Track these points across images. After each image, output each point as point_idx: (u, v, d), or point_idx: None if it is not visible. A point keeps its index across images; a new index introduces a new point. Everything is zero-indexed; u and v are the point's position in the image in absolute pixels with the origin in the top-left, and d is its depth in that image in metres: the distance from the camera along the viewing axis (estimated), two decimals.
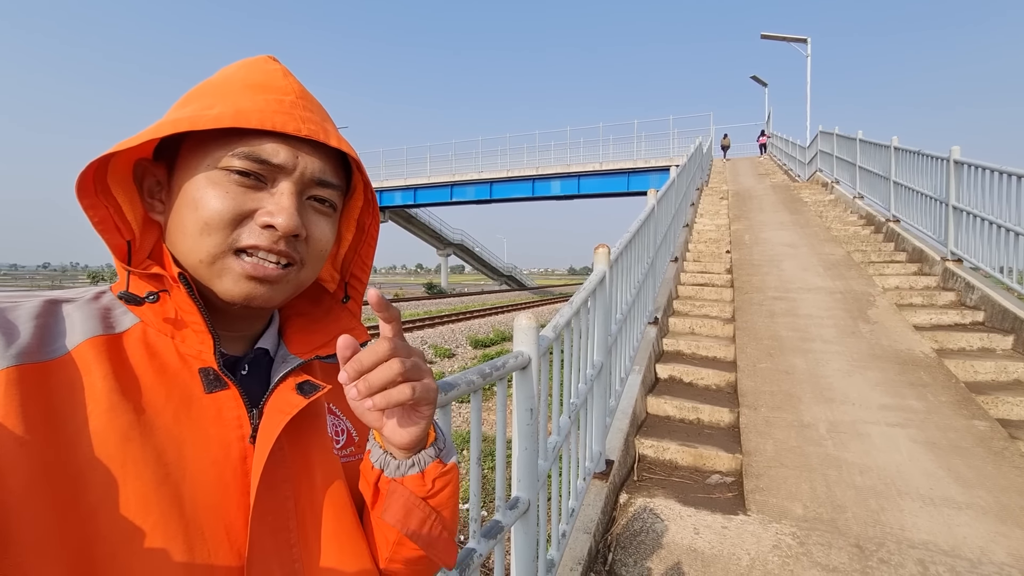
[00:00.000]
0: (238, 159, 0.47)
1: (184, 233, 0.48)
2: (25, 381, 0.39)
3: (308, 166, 0.50)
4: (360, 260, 0.62)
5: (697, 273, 6.49)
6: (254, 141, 0.47)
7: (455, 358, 10.59)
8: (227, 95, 0.48)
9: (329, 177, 0.52)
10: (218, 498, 0.45)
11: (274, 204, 0.48)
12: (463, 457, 4.63)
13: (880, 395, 3.52)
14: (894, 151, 7.39)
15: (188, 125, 0.45)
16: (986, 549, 2.18)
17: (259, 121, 0.46)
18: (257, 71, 0.51)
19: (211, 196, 0.47)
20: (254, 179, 0.48)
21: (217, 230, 0.47)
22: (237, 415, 0.49)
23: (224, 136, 0.47)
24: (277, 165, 0.48)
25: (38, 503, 0.36)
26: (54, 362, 0.41)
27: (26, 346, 0.40)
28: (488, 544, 1.36)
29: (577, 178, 24.94)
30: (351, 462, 0.58)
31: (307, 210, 0.51)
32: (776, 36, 20.00)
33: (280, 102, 0.49)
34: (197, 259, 0.48)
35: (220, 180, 0.47)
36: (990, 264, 4.94)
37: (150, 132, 0.45)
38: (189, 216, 0.47)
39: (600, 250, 2.82)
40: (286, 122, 0.48)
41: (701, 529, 2.44)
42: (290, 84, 0.52)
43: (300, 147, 0.49)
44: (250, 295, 0.49)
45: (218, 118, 0.45)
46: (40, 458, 0.37)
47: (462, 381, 1.21)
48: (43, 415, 0.39)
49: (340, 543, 0.51)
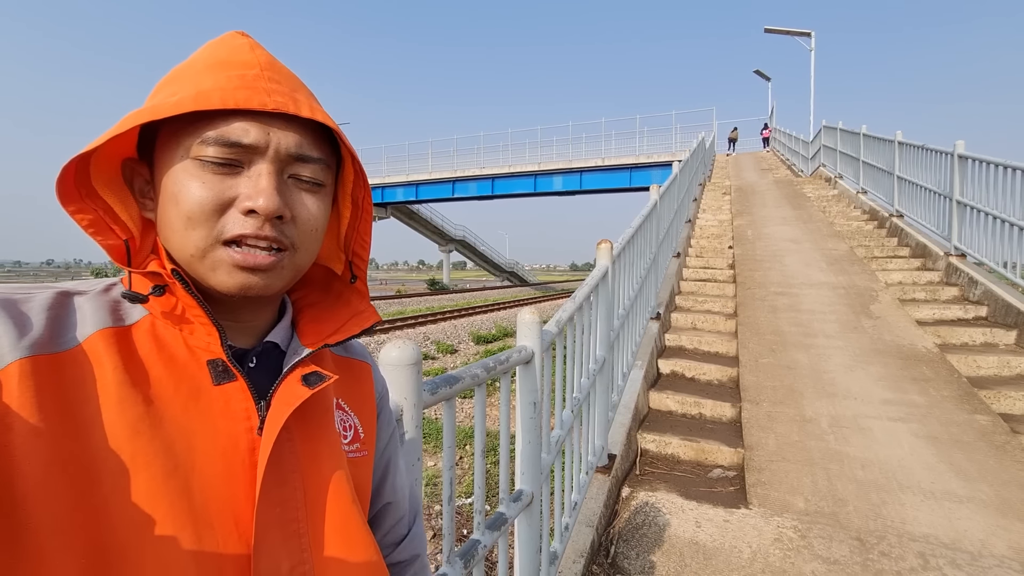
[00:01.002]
0: (208, 145, 0.45)
1: (172, 229, 0.47)
2: (39, 372, 0.40)
3: (282, 142, 0.47)
4: (359, 237, 0.59)
5: (699, 268, 6.48)
6: (220, 123, 0.45)
7: (457, 354, 10.61)
8: (190, 77, 0.46)
9: (308, 151, 0.49)
10: (227, 489, 0.45)
11: (252, 187, 0.46)
12: (466, 451, 4.66)
13: (882, 390, 3.52)
14: (898, 146, 7.36)
15: (150, 115, 0.43)
16: (987, 542, 2.19)
17: (220, 100, 0.44)
18: (222, 47, 0.49)
19: (189, 189, 0.45)
20: (229, 166, 0.46)
21: (201, 223, 0.45)
22: (245, 407, 0.49)
23: (192, 122, 0.45)
24: (248, 145, 0.45)
25: (55, 491, 0.37)
26: (66, 353, 0.42)
27: (39, 337, 0.41)
28: (492, 536, 1.38)
29: (579, 174, 24.87)
30: (357, 458, 0.58)
31: (290, 189, 0.49)
32: (780, 30, 19.86)
33: (243, 76, 0.46)
34: (188, 254, 0.47)
35: (195, 171, 0.45)
36: (994, 259, 4.92)
37: (115, 128, 0.43)
38: (172, 212, 0.46)
39: (603, 245, 2.82)
40: (249, 97, 0.45)
41: (703, 522, 2.45)
42: (256, 57, 0.48)
43: (271, 123, 0.46)
44: (245, 285, 0.47)
45: (179, 103, 0.43)
46: (55, 448, 0.38)
47: (466, 375, 1.23)
48: (57, 406, 0.39)
49: (347, 535, 0.52)
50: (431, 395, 1.08)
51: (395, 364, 0.96)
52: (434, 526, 3.74)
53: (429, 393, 1.07)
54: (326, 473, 0.52)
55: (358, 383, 0.63)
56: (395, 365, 0.96)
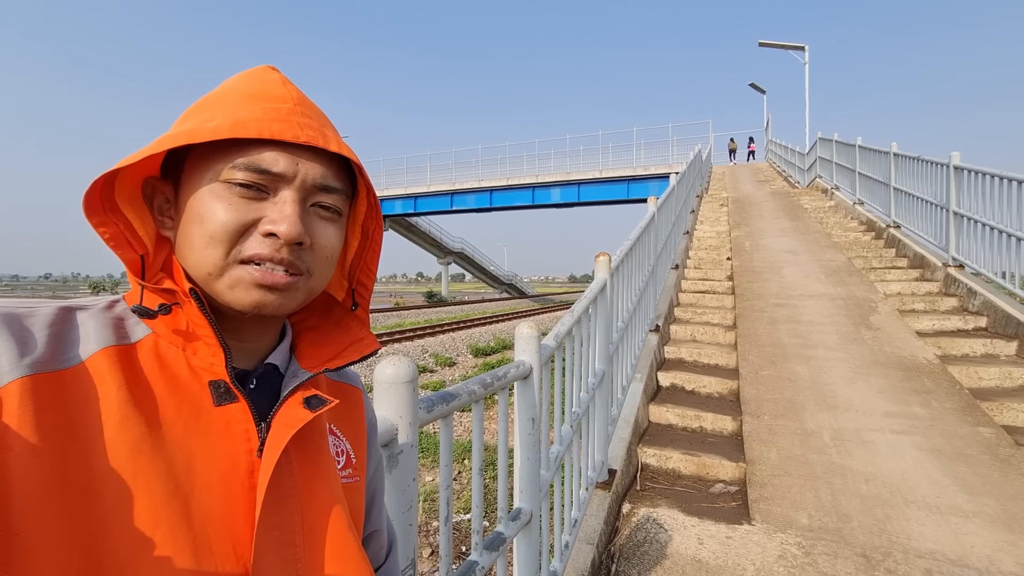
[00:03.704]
0: (239, 171, 0.47)
1: (191, 248, 0.48)
2: (40, 391, 0.39)
3: (309, 172, 0.49)
4: (365, 266, 0.61)
5: (698, 280, 6.48)
6: (253, 151, 0.47)
7: (456, 366, 10.56)
8: (226, 106, 0.49)
9: (332, 182, 0.51)
10: (226, 511, 0.45)
11: (276, 212, 0.48)
12: (464, 467, 4.61)
13: (884, 402, 3.50)
14: (893, 157, 7.41)
15: (186, 139, 0.45)
16: (994, 558, 2.15)
17: (256, 130, 0.47)
18: (256, 81, 0.52)
19: (215, 209, 0.47)
20: (256, 190, 0.48)
21: (222, 242, 0.47)
22: (245, 428, 0.49)
23: (224, 148, 0.47)
24: (277, 174, 0.48)
25: (50, 512, 0.37)
26: (68, 371, 0.42)
27: (41, 355, 0.41)
28: (490, 556, 1.34)
29: (577, 186, 25.01)
30: (350, 484, 0.58)
31: (311, 217, 0.51)
32: (774, 44, 20.11)
33: (278, 110, 0.49)
34: (206, 272, 0.48)
35: (222, 193, 0.47)
36: (992, 269, 4.93)
37: (150, 148, 0.45)
38: (195, 230, 0.48)
39: (601, 258, 2.81)
40: (284, 129, 0.48)
41: (705, 539, 2.41)
42: (288, 92, 0.51)
43: (300, 154, 0.49)
44: (260, 303, 0.48)
45: (216, 130, 0.46)
46: (54, 468, 0.38)
47: (464, 391, 1.21)
48: (57, 425, 0.39)
49: (344, 560, 0.51)
50: (427, 413, 1.06)
51: (390, 382, 0.93)
52: (432, 543, 3.68)
53: (425, 411, 1.05)
54: (323, 497, 0.52)
55: (351, 409, 0.63)
56: (390, 383, 0.93)
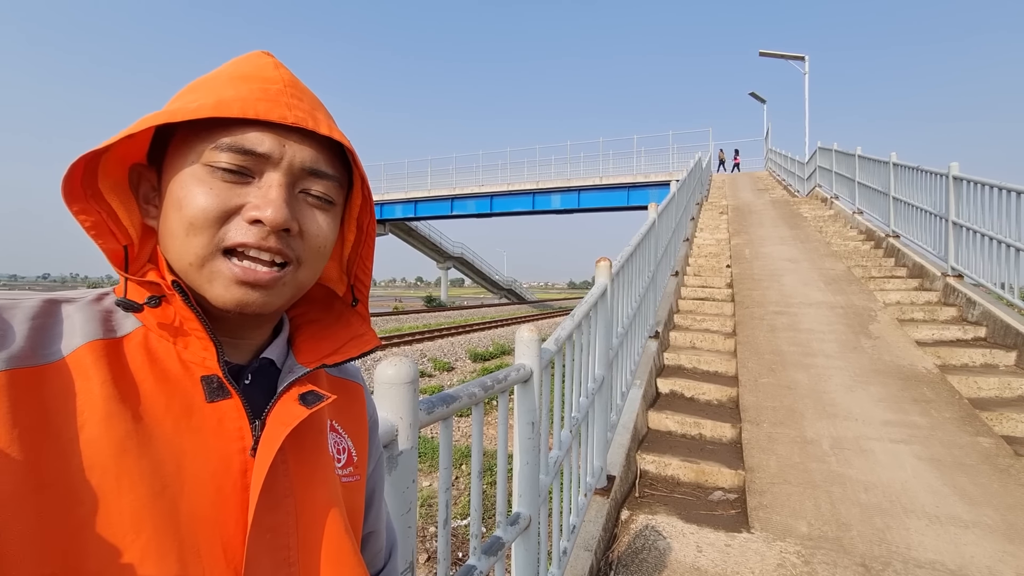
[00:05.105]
0: (221, 152, 0.44)
1: (172, 235, 0.46)
2: (16, 387, 0.37)
3: (297, 155, 0.46)
4: (361, 262, 0.59)
5: (698, 287, 6.48)
6: (236, 131, 0.45)
7: (454, 371, 10.54)
8: (213, 88, 0.46)
9: (322, 167, 0.48)
10: (216, 513, 0.43)
11: (260, 197, 0.45)
12: (462, 472, 4.58)
13: (883, 411, 3.49)
14: (893, 167, 7.44)
15: (167, 117, 0.43)
16: (994, 569, 2.14)
17: (240, 110, 0.44)
18: (246, 63, 0.49)
19: (195, 194, 0.44)
20: (240, 175, 0.45)
21: (203, 229, 0.44)
22: (239, 426, 0.46)
23: (207, 129, 0.45)
24: (262, 155, 0.45)
25: (23, 516, 0.35)
26: (49, 367, 0.40)
27: (20, 350, 0.39)
28: (488, 561, 1.33)
29: (577, 192, 25.05)
30: (351, 483, 0.56)
31: (300, 204, 0.48)
32: (774, 54, 20.23)
33: (265, 90, 0.46)
34: (187, 262, 0.45)
35: (204, 177, 0.45)
36: (991, 280, 4.93)
37: (130, 128, 0.43)
38: (174, 216, 0.45)
39: (602, 263, 2.82)
40: (270, 109, 0.45)
41: (704, 547, 2.40)
42: (279, 74, 0.49)
43: (287, 136, 0.46)
44: (242, 301, 0.46)
45: (198, 109, 0.43)
46: (28, 468, 0.36)
47: (464, 394, 1.20)
48: (34, 423, 0.37)
49: (340, 565, 0.49)
50: (427, 414, 1.05)
51: (391, 382, 0.93)
52: (429, 548, 3.66)
53: (425, 412, 1.04)
54: (320, 499, 0.50)
55: (352, 405, 0.61)
56: (391, 383, 0.93)
